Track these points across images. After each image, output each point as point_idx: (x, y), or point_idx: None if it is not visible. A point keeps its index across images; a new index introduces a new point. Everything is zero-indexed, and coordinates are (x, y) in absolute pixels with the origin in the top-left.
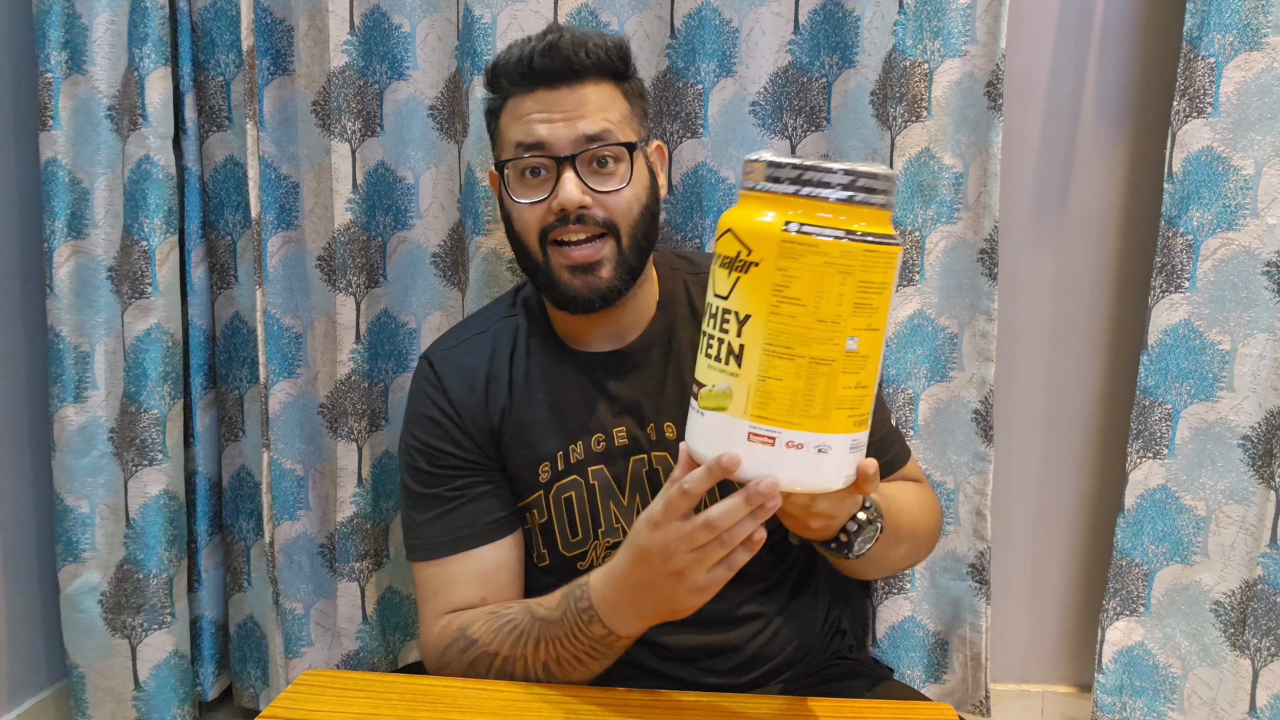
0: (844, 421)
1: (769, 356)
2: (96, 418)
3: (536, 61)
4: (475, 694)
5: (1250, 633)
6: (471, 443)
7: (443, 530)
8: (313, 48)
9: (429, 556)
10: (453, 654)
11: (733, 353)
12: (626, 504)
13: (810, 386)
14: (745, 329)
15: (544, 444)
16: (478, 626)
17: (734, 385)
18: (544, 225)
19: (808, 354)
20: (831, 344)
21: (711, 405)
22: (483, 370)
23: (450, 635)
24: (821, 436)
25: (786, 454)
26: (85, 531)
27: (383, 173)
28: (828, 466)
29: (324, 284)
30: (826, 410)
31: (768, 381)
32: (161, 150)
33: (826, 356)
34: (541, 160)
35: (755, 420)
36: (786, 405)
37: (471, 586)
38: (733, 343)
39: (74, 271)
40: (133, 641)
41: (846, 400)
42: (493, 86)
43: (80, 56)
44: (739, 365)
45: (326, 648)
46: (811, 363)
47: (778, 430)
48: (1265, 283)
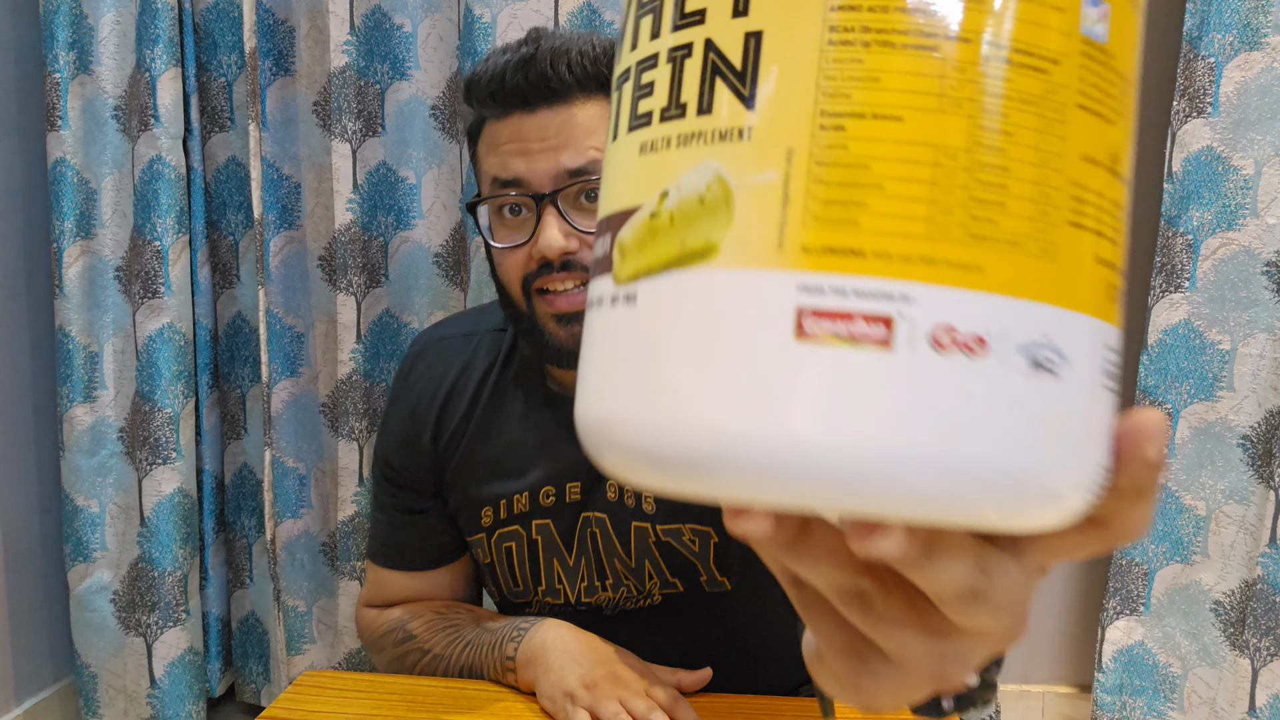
0: (1096, 277)
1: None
2: (106, 417)
3: (509, 80)
4: (475, 695)
5: (1250, 632)
6: (414, 461)
7: (382, 539)
8: (314, 48)
9: (368, 555)
10: (388, 642)
11: (733, 79)
12: (572, 564)
13: (1014, 152)
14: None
15: (489, 487)
16: (419, 623)
17: (735, 169)
18: (526, 273)
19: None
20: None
21: (664, 255)
22: (447, 383)
23: (389, 623)
24: (1057, 316)
25: (932, 381)
26: (96, 531)
27: (384, 173)
28: (1062, 428)
29: (325, 284)
30: (1055, 227)
31: (858, 140)
32: (173, 150)
33: (1053, 53)
34: (520, 199)
35: (819, 263)
36: (933, 206)
37: (401, 598)
38: (728, 55)
39: (83, 271)
40: (148, 639)
41: (1092, 210)
42: (468, 102)
43: (87, 57)
44: (748, 106)
45: (328, 645)
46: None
47: (909, 288)
48: (1265, 282)
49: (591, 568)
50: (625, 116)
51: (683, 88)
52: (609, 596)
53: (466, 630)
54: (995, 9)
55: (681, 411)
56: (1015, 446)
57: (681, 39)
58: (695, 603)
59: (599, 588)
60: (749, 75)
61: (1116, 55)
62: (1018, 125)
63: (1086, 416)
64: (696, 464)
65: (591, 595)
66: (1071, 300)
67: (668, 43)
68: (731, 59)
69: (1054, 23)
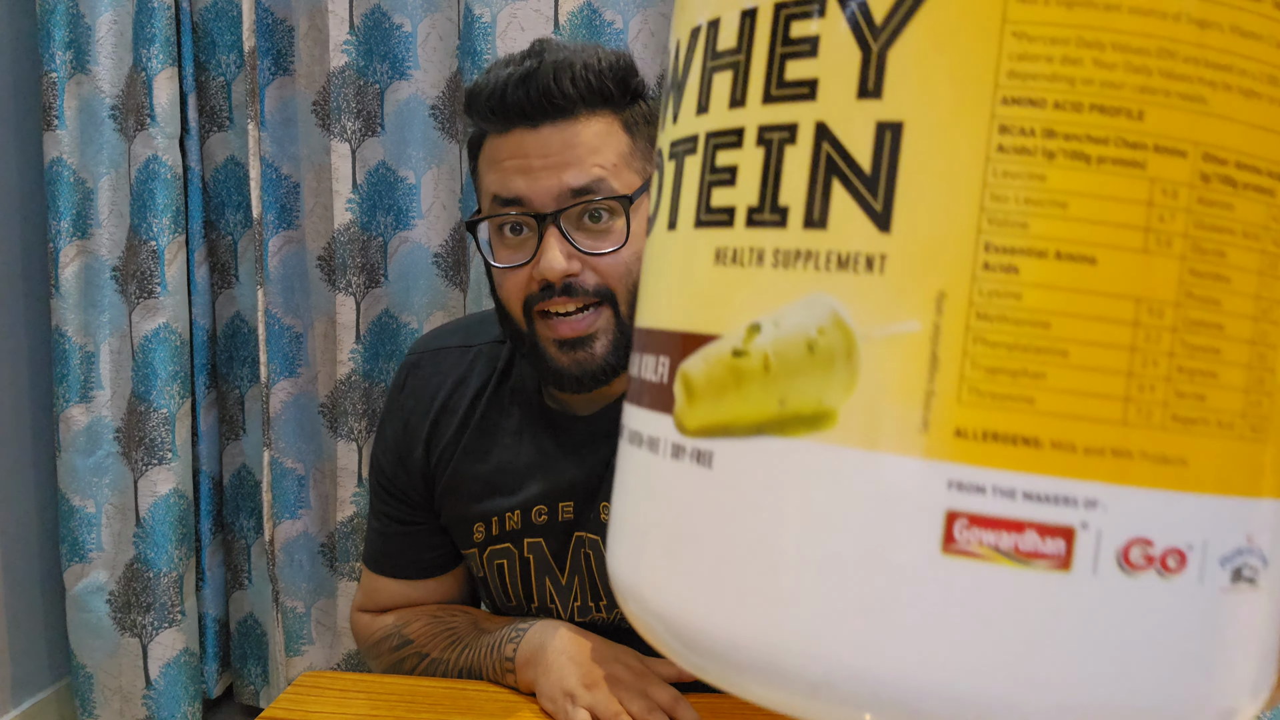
0: None
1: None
2: (102, 417)
3: (510, 95)
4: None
5: None
6: (405, 474)
7: (376, 546)
8: (313, 48)
9: (364, 559)
10: (384, 648)
11: (859, 185)
12: (565, 583)
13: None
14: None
15: (479, 505)
16: (415, 627)
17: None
18: (528, 295)
19: None
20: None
21: (755, 414)
22: (441, 396)
23: (384, 630)
24: (1262, 511)
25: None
26: (92, 531)
27: (384, 172)
28: (1255, 643)
29: (324, 284)
30: (1270, 397)
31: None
32: (169, 150)
33: None
34: (522, 218)
35: (979, 454)
36: (1132, 381)
37: (394, 604)
38: (851, 151)
39: (79, 271)
40: (143, 640)
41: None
42: (469, 116)
43: (84, 56)
44: (881, 226)
45: (327, 646)
46: None
47: (1097, 491)
48: None
49: (585, 588)
50: (691, 203)
51: (782, 185)
52: (603, 618)
53: (464, 633)
54: (1215, 109)
55: (770, 616)
56: (1207, 679)
57: (780, 116)
58: None
59: (593, 608)
60: (884, 183)
61: None
62: (1236, 267)
63: (1277, 620)
64: (771, 675)
65: (585, 615)
66: (1273, 486)
67: (759, 117)
68: (857, 157)
69: (1276, 123)
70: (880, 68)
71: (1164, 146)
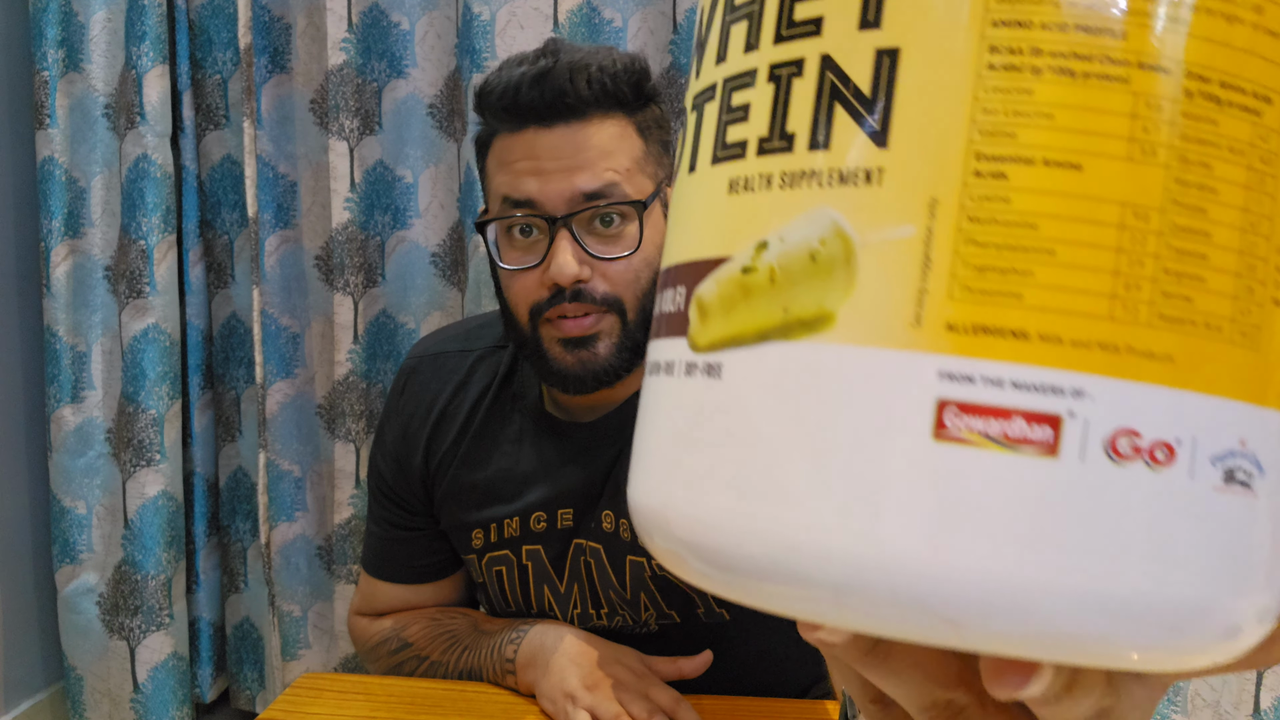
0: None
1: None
2: (93, 418)
3: (524, 94)
4: (475, 697)
5: None
6: (403, 480)
7: (376, 551)
8: (310, 45)
9: (362, 563)
10: (383, 652)
11: (859, 107)
12: (564, 591)
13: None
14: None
15: (477, 512)
16: (414, 630)
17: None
18: (536, 303)
19: None
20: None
21: (762, 322)
22: (440, 402)
23: (383, 633)
24: (1257, 418)
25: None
26: (82, 532)
27: (381, 171)
28: (1251, 553)
29: (322, 284)
30: (1260, 306)
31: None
32: (159, 149)
33: None
34: (533, 220)
35: (968, 345)
36: (1119, 280)
37: (391, 608)
38: (853, 76)
39: (71, 271)
40: (131, 643)
41: None
42: (479, 113)
43: (77, 54)
44: (880, 142)
45: (324, 650)
46: None
47: (1084, 381)
48: None
49: (585, 596)
50: (709, 144)
51: (789, 114)
52: (603, 625)
53: (463, 635)
54: (1201, 33)
55: (779, 517)
56: (1199, 579)
57: (789, 53)
58: (693, 633)
59: (593, 615)
60: (881, 103)
61: None
62: (1223, 180)
63: (1277, 535)
64: (791, 580)
65: (585, 623)
66: (1275, 396)
67: (770, 57)
68: (858, 81)
69: (1267, 49)
70: (879, 1)
71: (1147, 64)
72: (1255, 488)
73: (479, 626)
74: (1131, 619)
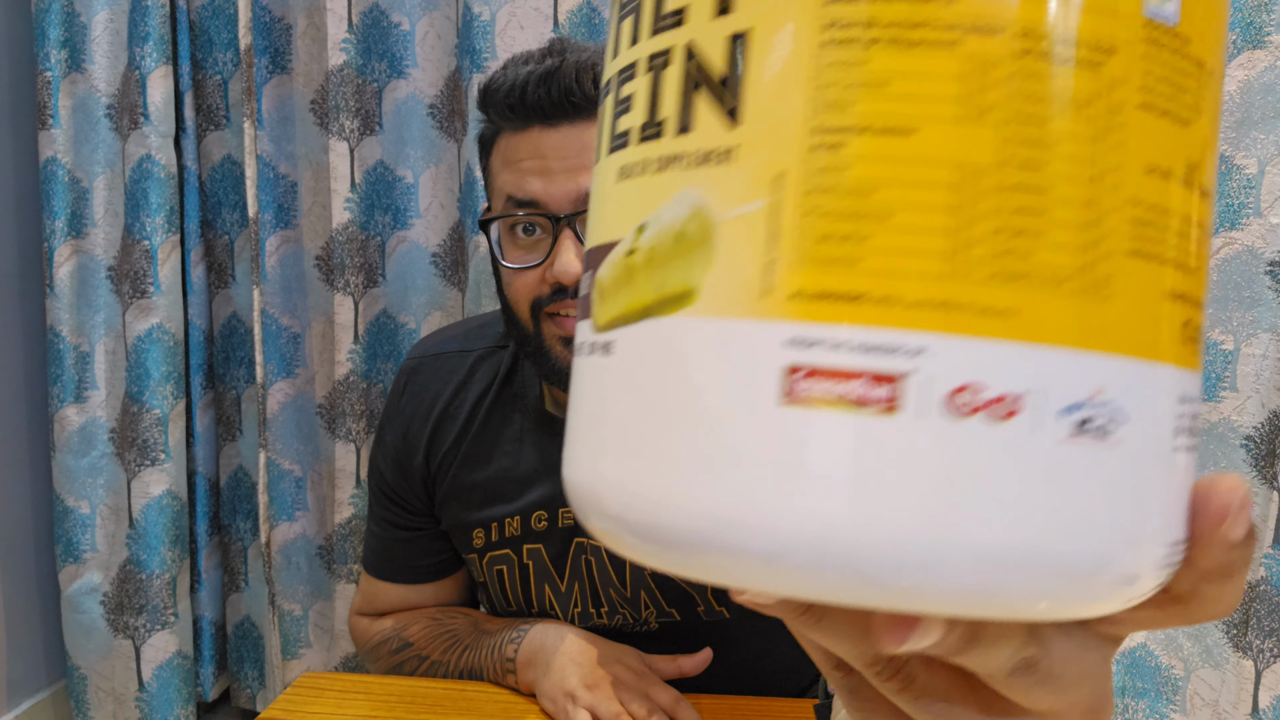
0: (1165, 315)
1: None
2: (97, 418)
3: (530, 93)
4: (475, 696)
5: (1253, 634)
6: (404, 481)
7: (377, 551)
8: (311, 46)
9: (362, 564)
10: (383, 651)
11: (715, 89)
12: (564, 590)
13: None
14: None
15: (478, 511)
16: (415, 629)
17: (716, 202)
18: (537, 297)
19: None
20: None
21: (641, 300)
22: (441, 402)
23: (383, 633)
24: (1113, 367)
25: (958, 450)
26: (86, 532)
27: (382, 171)
28: (1118, 502)
29: (322, 284)
30: (1109, 258)
31: (864, 161)
32: (163, 149)
33: None
34: (537, 219)
35: (812, 311)
36: (953, 239)
37: (391, 608)
38: (709, 61)
39: (74, 271)
40: (136, 642)
41: (1161, 233)
42: (484, 111)
43: (79, 55)
44: (732, 121)
45: (324, 649)
46: None
47: (921, 339)
48: (1268, 282)
49: (585, 594)
50: (606, 136)
51: (661, 102)
52: (603, 624)
53: (464, 635)
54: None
55: (660, 486)
56: (1057, 528)
57: (660, 44)
58: (693, 631)
59: (593, 614)
60: (733, 85)
61: (1193, 40)
62: (1062, 134)
63: (1151, 486)
64: (677, 545)
65: (585, 622)
66: (1132, 346)
67: (647, 49)
68: (713, 66)
69: (1108, 3)
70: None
71: (979, 26)
72: (1117, 437)
73: (479, 626)
74: (988, 572)
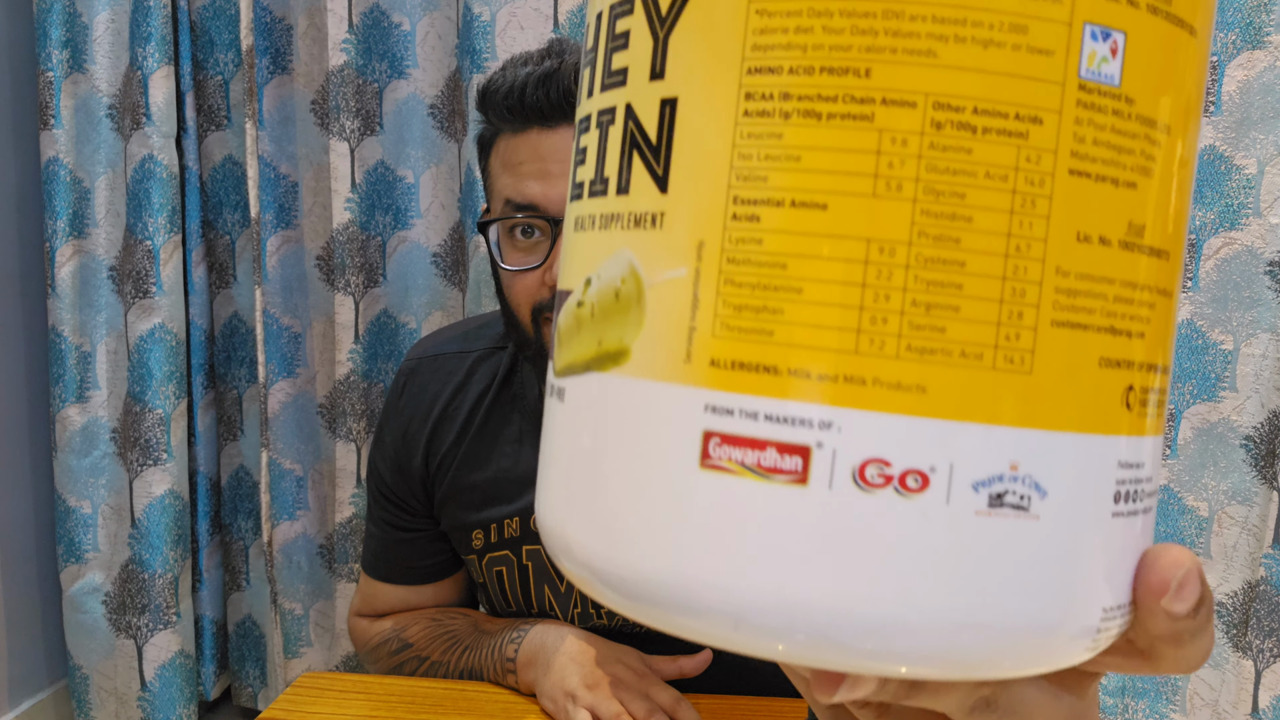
0: (1098, 383)
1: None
2: (98, 418)
3: (529, 95)
4: (475, 696)
5: (1253, 633)
6: (402, 482)
7: (376, 552)
8: (311, 46)
9: (362, 564)
10: (383, 653)
11: (648, 154)
12: (564, 590)
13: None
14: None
15: (477, 513)
16: (415, 630)
17: (645, 262)
18: (538, 302)
19: None
20: None
21: (585, 352)
22: (440, 403)
23: (383, 634)
24: (1031, 441)
25: (872, 524)
26: (88, 532)
27: (382, 172)
28: (1038, 573)
29: (323, 284)
30: (1030, 330)
31: (777, 233)
32: (165, 149)
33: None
34: (536, 221)
35: (728, 381)
36: (863, 314)
37: (391, 609)
38: (644, 125)
39: (75, 271)
40: (138, 641)
41: (1094, 300)
42: (483, 112)
43: (81, 55)
44: (661, 187)
45: (325, 648)
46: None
47: (831, 414)
48: (1268, 282)
49: (585, 594)
50: (570, 182)
51: (606, 159)
52: (604, 624)
53: (463, 635)
54: (951, 62)
55: (605, 539)
56: (973, 596)
57: (608, 101)
58: None
59: (593, 614)
60: (663, 151)
61: (1140, 99)
62: (979, 207)
63: (1081, 554)
64: (638, 598)
65: (585, 622)
66: (1054, 419)
67: (597, 103)
68: (647, 130)
69: (1034, 69)
70: (664, 52)
71: (892, 99)
72: (1035, 510)
73: (479, 626)
74: (893, 635)
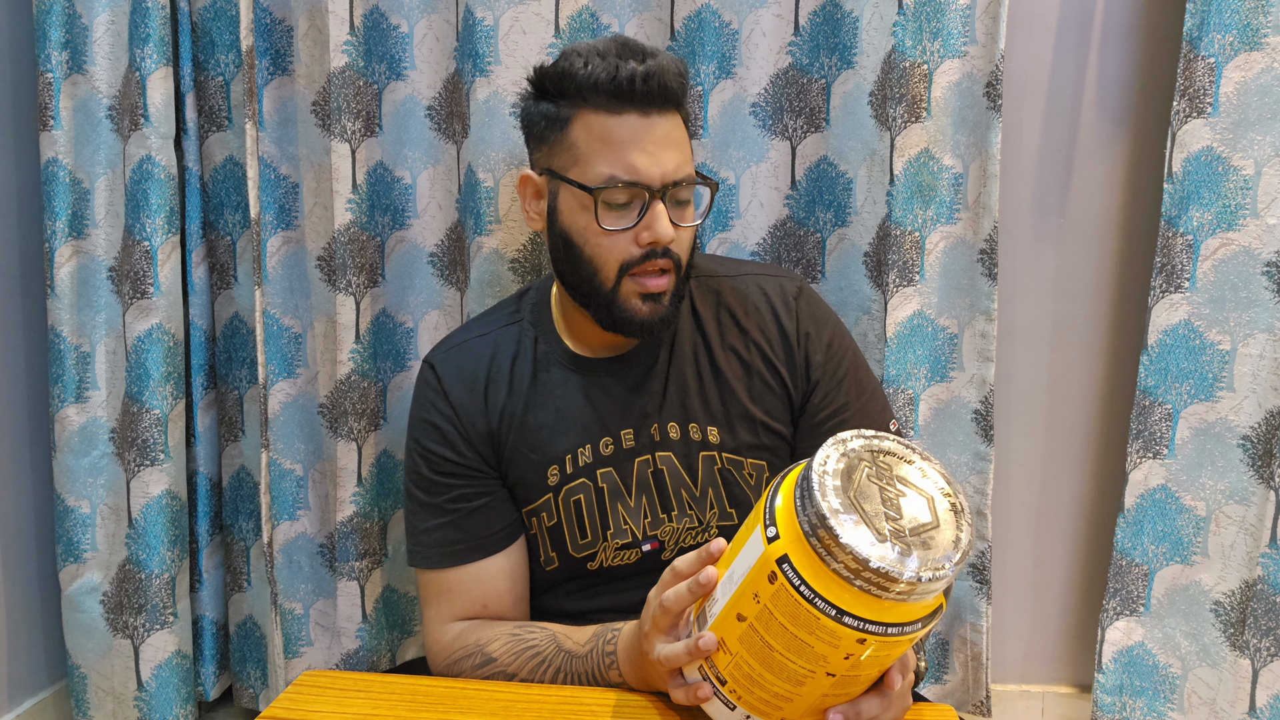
0: None
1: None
2: (97, 418)
3: (639, 85)
4: (475, 694)
5: (1250, 633)
6: (470, 449)
7: (441, 541)
8: (312, 48)
9: (428, 565)
10: (466, 666)
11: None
12: (634, 505)
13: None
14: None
15: (551, 447)
16: (497, 646)
17: None
18: (627, 259)
19: None
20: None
21: None
22: (482, 373)
23: (465, 649)
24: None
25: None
26: (86, 532)
27: (381, 172)
28: None
29: (324, 284)
30: None
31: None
32: (163, 150)
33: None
34: (636, 191)
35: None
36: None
37: (470, 596)
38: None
39: (75, 272)
40: (135, 642)
41: None
42: (558, 93)
43: (80, 56)
44: None
45: (326, 647)
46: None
47: None
48: (1265, 283)
49: (655, 504)
50: None
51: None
52: (673, 528)
53: (544, 647)
54: None
55: None
56: None
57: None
58: None
59: (663, 520)
60: None
61: None
62: None
63: None
64: None
65: (656, 528)
66: None
67: None
68: None
69: None
70: None
71: None
72: None
73: (561, 644)
74: None
